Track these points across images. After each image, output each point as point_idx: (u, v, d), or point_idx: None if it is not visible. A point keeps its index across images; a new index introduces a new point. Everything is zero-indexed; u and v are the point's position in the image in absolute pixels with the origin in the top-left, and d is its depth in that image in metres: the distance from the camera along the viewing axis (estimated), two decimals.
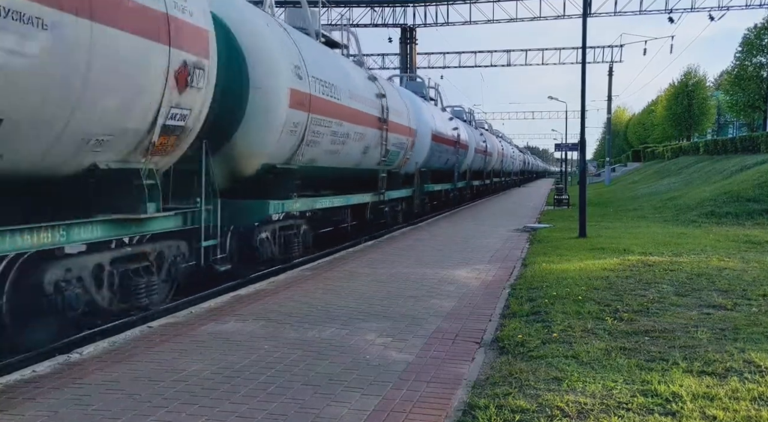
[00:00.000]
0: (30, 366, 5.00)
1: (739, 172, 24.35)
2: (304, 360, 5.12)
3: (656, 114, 65.16)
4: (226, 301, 7.42)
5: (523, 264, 10.31)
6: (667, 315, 6.52)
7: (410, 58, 42.17)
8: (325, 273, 9.43)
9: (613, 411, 4.01)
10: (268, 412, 4.05)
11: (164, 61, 6.36)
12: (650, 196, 27.53)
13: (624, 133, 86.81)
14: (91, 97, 5.51)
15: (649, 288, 7.96)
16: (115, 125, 6.00)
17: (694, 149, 41.19)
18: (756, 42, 40.65)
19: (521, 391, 4.39)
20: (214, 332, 6.01)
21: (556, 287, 7.96)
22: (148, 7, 6.10)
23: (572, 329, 5.99)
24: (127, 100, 6.04)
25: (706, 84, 58.21)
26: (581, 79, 15.13)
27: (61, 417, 3.96)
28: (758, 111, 42.44)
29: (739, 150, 31.59)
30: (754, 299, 7.26)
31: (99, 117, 5.73)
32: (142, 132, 6.39)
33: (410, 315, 6.74)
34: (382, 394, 4.37)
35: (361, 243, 13.70)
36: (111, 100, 5.83)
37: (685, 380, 4.55)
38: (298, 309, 6.99)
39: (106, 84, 5.67)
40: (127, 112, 6.09)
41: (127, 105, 6.06)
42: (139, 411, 4.05)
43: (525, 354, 5.27)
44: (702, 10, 35.63)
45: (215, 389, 4.46)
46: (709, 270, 9.19)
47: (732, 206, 18.53)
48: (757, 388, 4.37)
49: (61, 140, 5.47)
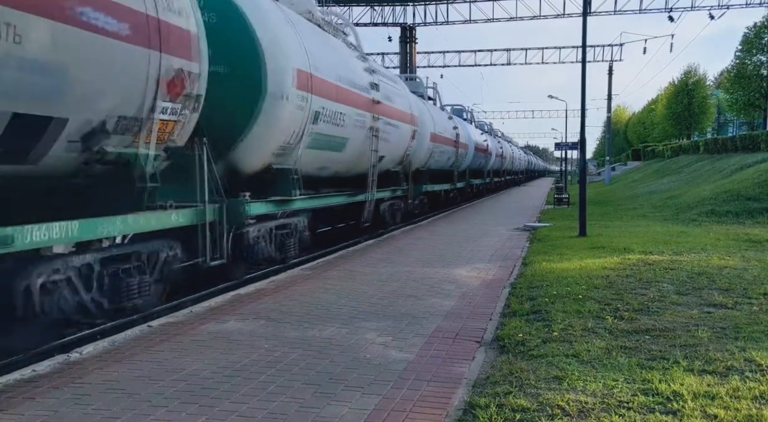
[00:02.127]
0: (30, 366, 4.99)
1: (739, 170, 24.33)
2: (305, 360, 5.12)
3: (656, 113, 65.14)
4: (227, 301, 7.42)
5: (524, 263, 10.30)
6: (667, 314, 6.51)
7: (410, 57, 42.17)
8: (325, 272, 9.43)
9: (614, 410, 4.00)
10: (269, 411, 4.04)
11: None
12: (650, 194, 27.53)
13: (624, 132, 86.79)
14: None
15: (649, 287, 7.95)
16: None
17: (694, 148, 41.18)
18: (756, 40, 40.61)
19: (522, 390, 4.38)
20: (214, 331, 6.01)
21: (556, 286, 7.96)
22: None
23: (573, 328, 5.98)
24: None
25: (706, 83, 58.17)
26: (581, 78, 15.12)
27: (60, 416, 3.96)
28: (758, 110, 42.40)
29: (739, 149, 31.58)
30: (755, 298, 7.25)
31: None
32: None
33: (410, 314, 6.74)
34: (383, 393, 4.37)
35: (362, 242, 13.69)
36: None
37: (686, 379, 4.54)
38: (298, 308, 6.99)
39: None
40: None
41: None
42: (139, 410, 4.04)
43: (525, 353, 5.27)
44: (702, 8, 35.67)
45: (215, 388, 4.45)
46: (709, 269, 9.18)
47: (732, 205, 18.52)
48: (758, 387, 4.36)
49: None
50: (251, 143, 9.10)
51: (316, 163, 11.32)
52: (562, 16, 37.78)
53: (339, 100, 11.50)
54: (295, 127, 9.82)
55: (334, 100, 11.22)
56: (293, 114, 9.65)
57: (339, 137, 11.79)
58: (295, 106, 9.63)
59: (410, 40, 42.18)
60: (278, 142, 9.55)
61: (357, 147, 12.82)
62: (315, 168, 11.37)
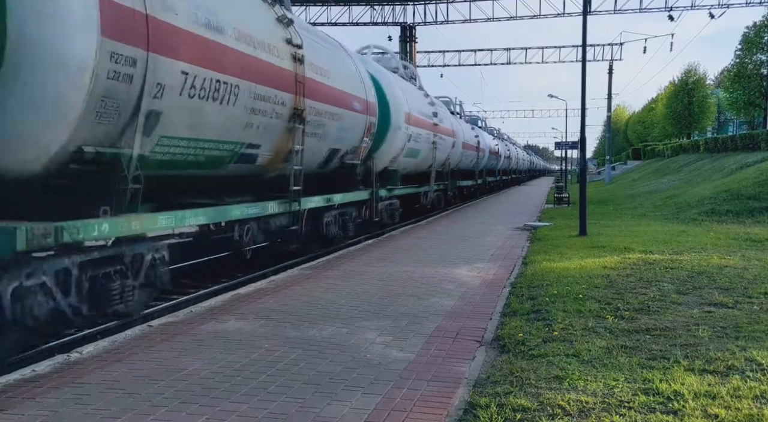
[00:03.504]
0: (30, 366, 4.99)
1: (739, 169, 24.32)
2: (305, 359, 5.11)
3: (656, 112, 65.15)
4: (226, 300, 7.41)
5: (524, 263, 10.30)
6: (668, 314, 6.51)
7: (410, 57, 42.09)
8: (325, 272, 9.42)
9: (615, 410, 4.00)
10: (269, 411, 4.03)
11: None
12: (650, 194, 27.52)
13: (624, 131, 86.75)
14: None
15: (649, 286, 7.95)
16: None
17: (694, 147, 41.15)
18: (756, 40, 40.62)
19: (522, 390, 4.38)
20: (214, 331, 6.00)
21: (556, 285, 7.96)
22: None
23: (573, 327, 5.98)
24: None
25: (706, 82, 58.17)
26: (581, 77, 15.11)
27: (60, 416, 3.95)
28: (758, 108, 42.41)
29: (739, 148, 31.56)
30: (755, 297, 7.25)
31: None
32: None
33: (411, 313, 6.73)
34: (383, 393, 4.36)
35: (362, 241, 13.69)
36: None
37: (686, 378, 4.54)
38: (298, 308, 6.98)
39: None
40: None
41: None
42: (138, 410, 4.04)
43: (526, 352, 5.26)
44: (702, 7, 35.61)
45: (215, 388, 4.44)
46: (709, 268, 9.18)
47: (732, 204, 18.51)
48: (759, 386, 4.36)
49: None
50: (381, 154, 14.75)
51: (406, 166, 17.22)
52: (562, 16, 37.75)
53: (418, 125, 17.32)
54: (401, 145, 15.82)
55: (416, 126, 17.01)
56: (401, 138, 15.67)
57: (416, 149, 17.48)
58: (403, 133, 15.64)
59: (410, 40, 42.13)
60: (392, 154, 15.49)
61: (424, 155, 18.53)
62: (405, 169, 17.18)
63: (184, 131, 6.85)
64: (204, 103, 6.97)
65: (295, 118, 9.23)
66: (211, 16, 7.04)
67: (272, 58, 8.51)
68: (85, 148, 5.60)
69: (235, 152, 8.09)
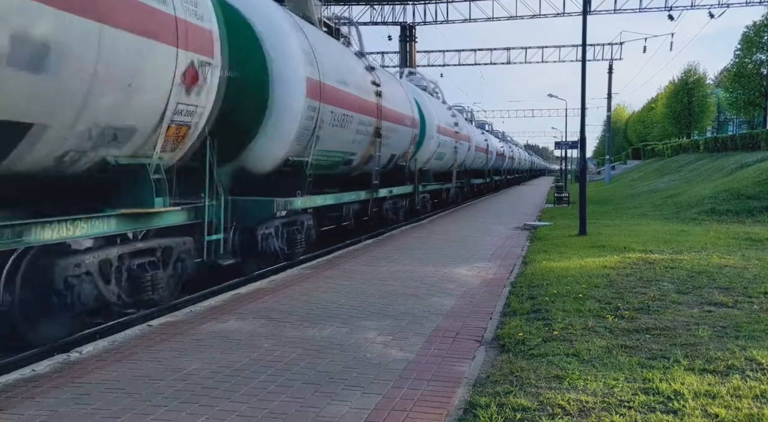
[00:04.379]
0: (29, 366, 4.98)
1: (739, 169, 24.32)
2: (305, 359, 5.11)
3: (656, 111, 65.12)
4: (226, 300, 7.41)
5: (524, 262, 10.30)
6: (668, 313, 6.51)
7: (410, 56, 42.12)
8: (325, 271, 9.42)
9: (615, 410, 4.00)
10: (269, 411, 4.03)
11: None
12: (650, 193, 27.51)
13: (624, 131, 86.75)
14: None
15: (649, 285, 7.94)
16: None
17: (694, 147, 41.14)
18: (756, 39, 40.59)
19: (522, 389, 4.38)
20: (214, 331, 6.00)
21: (556, 285, 7.95)
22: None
23: (573, 327, 5.98)
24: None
25: (706, 81, 58.14)
26: (581, 77, 15.12)
27: (60, 416, 3.95)
28: (758, 108, 42.41)
29: (739, 147, 31.56)
30: (755, 296, 7.25)
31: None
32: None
33: (411, 313, 6.73)
34: (383, 393, 4.36)
35: (362, 241, 13.69)
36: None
37: (686, 378, 4.54)
38: (298, 307, 6.98)
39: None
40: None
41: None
42: (138, 410, 4.03)
43: (526, 352, 5.26)
44: (702, 7, 35.57)
45: (215, 388, 4.44)
46: (709, 267, 9.18)
47: (732, 203, 18.51)
48: (759, 386, 4.36)
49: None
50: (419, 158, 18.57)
51: (435, 167, 21.44)
52: (561, 15, 37.72)
53: (444, 134, 21.51)
54: (433, 150, 20.07)
55: (443, 134, 21.19)
56: (433, 144, 19.89)
57: (443, 153, 21.77)
58: (435, 141, 19.92)
59: (410, 39, 42.11)
60: (426, 157, 19.59)
61: (447, 157, 22.86)
62: (434, 169, 21.23)
63: (327, 146, 11.14)
64: (337, 128, 11.41)
65: (376, 134, 13.65)
66: (342, 76, 11.69)
67: (366, 95, 13.02)
68: (290, 158, 9.91)
69: (344, 158, 12.48)
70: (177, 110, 6.78)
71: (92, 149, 5.92)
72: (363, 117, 12.54)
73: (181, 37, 6.54)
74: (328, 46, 11.74)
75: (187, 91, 6.85)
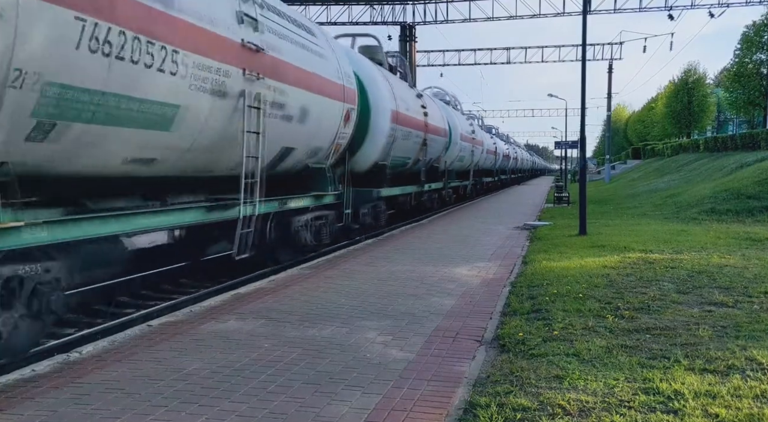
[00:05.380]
0: (29, 366, 4.98)
1: (739, 169, 24.32)
2: (305, 359, 5.11)
3: (656, 111, 65.12)
4: (226, 300, 7.41)
5: (524, 262, 10.30)
6: (668, 313, 6.51)
7: (410, 56, 42.06)
8: (325, 271, 9.42)
9: (615, 410, 4.00)
10: (269, 411, 4.03)
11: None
12: (650, 193, 27.52)
13: (624, 131, 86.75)
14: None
15: (649, 285, 7.94)
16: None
17: (694, 146, 41.15)
18: (755, 39, 40.58)
19: (522, 389, 4.37)
20: (214, 331, 6.00)
21: (556, 285, 7.95)
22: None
23: (573, 327, 5.98)
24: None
25: (706, 81, 58.15)
26: (581, 77, 15.12)
27: (60, 416, 3.95)
28: (758, 108, 42.40)
29: (739, 147, 31.57)
30: (756, 296, 7.25)
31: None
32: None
33: (411, 313, 6.73)
34: (383, 393, 4.36)
35: (362, 241, 13.69)
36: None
37: (687, 378, 4.53)
38: (298, 307, 6.98)
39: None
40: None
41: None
42: (138, 410, 4.03)
43: (526, 352, 5.26)
44: (702, 6, 35.54)
45: (215, 388, 4.44)
46: (709, 267, 9.18)
47: (732, 203, 18.52)
48: (760, 386, 4.36)
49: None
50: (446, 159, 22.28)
51: (457, 167, 25.66)
52: (561, 15, 37.69)
53: (464, 140, 25.60)
54: (457, 153, 24.10)
55: (463, 141, 25.31)
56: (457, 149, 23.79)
57: (463, 155, 25.83)
58: (458, 147, 23.96)
59: (410, 39, 42.06)
60: (452, 158, 23.50)
61: (466, 159, 27.10)
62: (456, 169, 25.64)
63: (397, 153, 15.53)
64: (404, 141, 15.90)
65: (423, 143, 18.14)
66: (407, 105, 16.32)
67: (418, 116, 17.64)
68: (377, 162, 14.25)
69: (404, 161, 16.89)
70: (339, 135, 11.74)
71: (306, 159, 10.87)
72: (417, 131, 17.31)
73: (344, 96, 11.69)
74: (399, 85, 16.85)
75: (344, 125, 11.87)
